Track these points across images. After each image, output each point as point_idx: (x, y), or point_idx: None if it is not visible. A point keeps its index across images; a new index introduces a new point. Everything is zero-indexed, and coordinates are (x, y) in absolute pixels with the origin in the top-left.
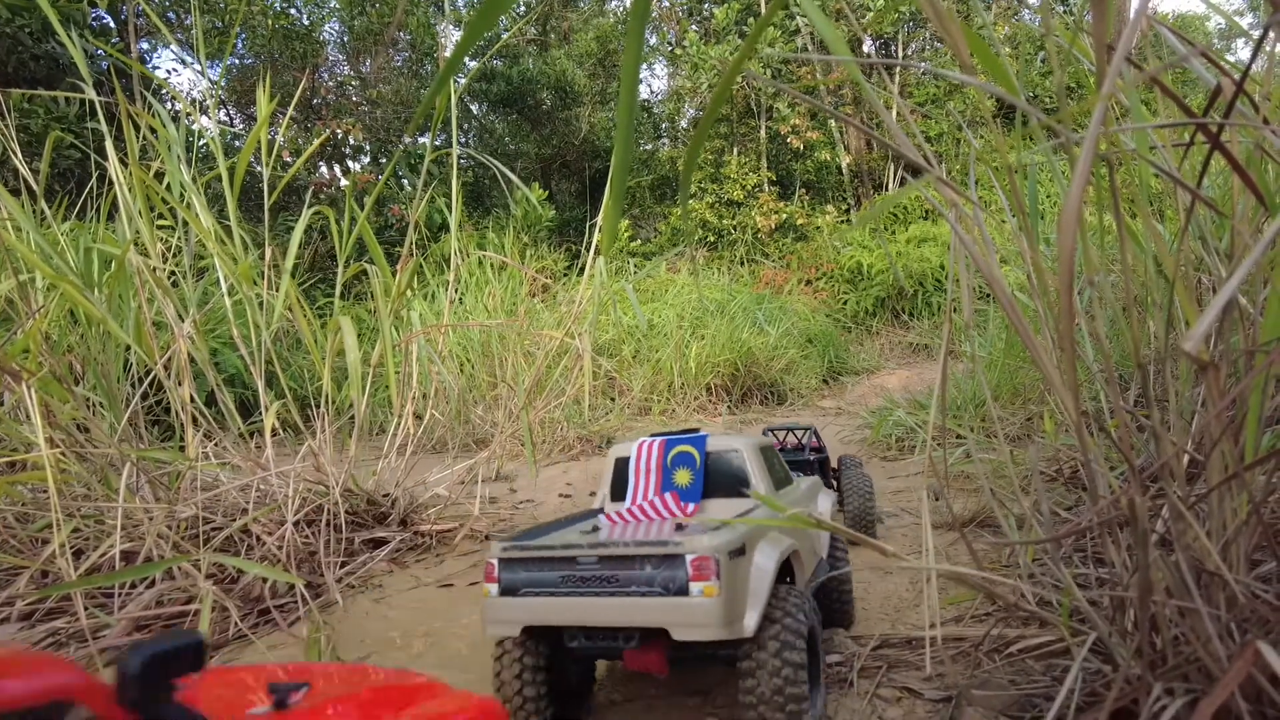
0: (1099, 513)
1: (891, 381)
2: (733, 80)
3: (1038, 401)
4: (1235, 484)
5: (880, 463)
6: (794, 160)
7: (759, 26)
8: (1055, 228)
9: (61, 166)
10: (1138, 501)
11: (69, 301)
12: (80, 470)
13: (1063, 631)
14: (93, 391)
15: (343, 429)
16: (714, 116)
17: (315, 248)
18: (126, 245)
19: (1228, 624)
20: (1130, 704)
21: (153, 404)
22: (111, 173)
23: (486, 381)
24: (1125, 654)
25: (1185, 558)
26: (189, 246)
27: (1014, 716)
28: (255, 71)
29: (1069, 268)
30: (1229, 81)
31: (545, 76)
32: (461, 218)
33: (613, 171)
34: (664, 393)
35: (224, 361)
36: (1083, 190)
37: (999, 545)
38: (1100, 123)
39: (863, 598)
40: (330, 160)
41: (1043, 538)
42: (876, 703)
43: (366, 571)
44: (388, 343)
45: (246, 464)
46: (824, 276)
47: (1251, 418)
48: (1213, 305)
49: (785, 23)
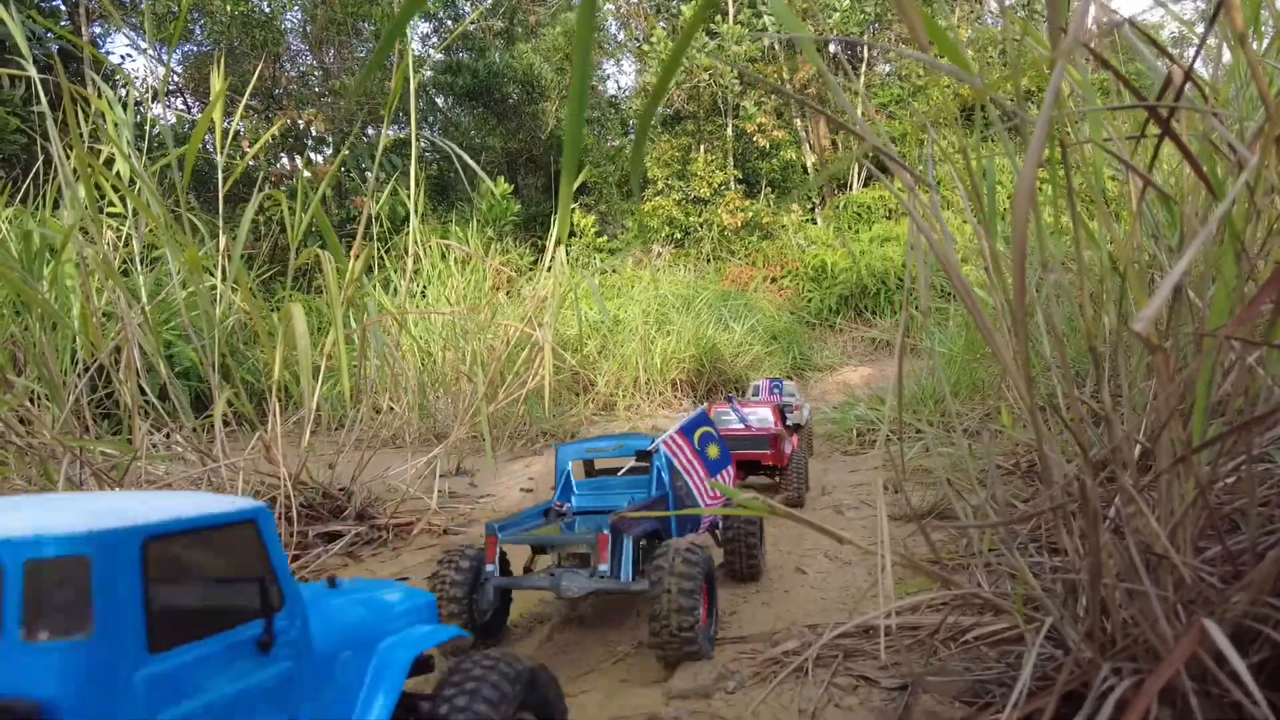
0: (1052, 498)
1: (854, 377)
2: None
3: (995, 397)
4: (1183, 469)
5: (842, 456)
6: (760, 159)
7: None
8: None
9: (5, 152)
10: (1089, 484)
11: (9, 289)
12: (20, 463)
13: (1017, 618)
14: (36, 383)
15: (299, 422)
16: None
17: (275, 240)
18: (70, 229)
19: (1175, 605)
20: (1081, 686)
21: (102, 397)
22: (55, 156)
23: (449, 375)
24: (1076, 638)
25: (1135, 542)
26: (139, 235)
27: (968, 702)
28: (214, 59)
29: (1022, 241)
30: (1179, 70)
31: (512, 70)
32: (425, 210)
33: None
34: (629, 388)
35: (178, 355)
36: (1038, 160)
37: (957, 531)
38: (1057, 87)
39: (820, 587)
40: (291, 151)
41: (997, 522)
42: (833, 691)
43: (320, 565)
44: (339, 329)
45: (197, 456)
46: (789, 274)
47: (1199, 404)
48: (1163, 286)
49: (752, 21)
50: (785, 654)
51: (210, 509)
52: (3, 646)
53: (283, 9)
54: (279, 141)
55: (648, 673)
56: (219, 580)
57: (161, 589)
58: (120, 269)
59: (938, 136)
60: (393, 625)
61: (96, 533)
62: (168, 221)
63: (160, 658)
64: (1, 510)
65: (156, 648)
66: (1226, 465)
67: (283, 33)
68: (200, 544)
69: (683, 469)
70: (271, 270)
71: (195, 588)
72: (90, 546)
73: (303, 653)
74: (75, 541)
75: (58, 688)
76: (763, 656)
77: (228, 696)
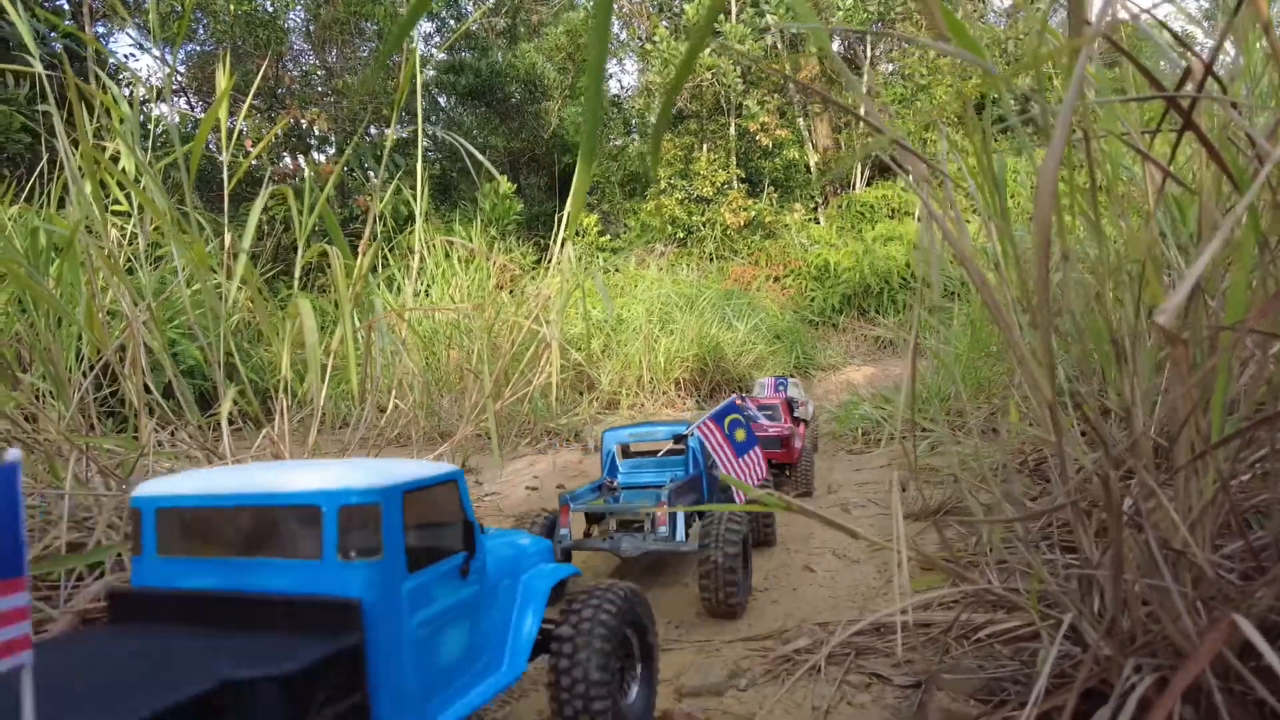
0: (1068, 493)
1: (857, 377)
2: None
3: (1001, 396)
4: (1200, 465)
5: (846, 455)
6: (762, 158)
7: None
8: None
9: (10, 151)
10: (1113, 478)
11: (16, 286)
12: (26, 460)
13: (1032, 615)
14: (41, 380)
15: (304, 421)
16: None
17: (278, 239)
18: (76, 225)
19: (1194, 602)
20: (1099, 683)
21: (107, 395)
22: (60, 152)
23: (453, 374)
24: (1095, 635)
25: (1155, 537)
26: (144, 232)
27: (983, 700)
28: (217, 58)
29: (1045, 229)
30: (1198, 63)
31: (514, 70)
32: (428, 210)
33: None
34: (632, 387)
35: (182, 353)
36: (1063, 146)
37: (973, 525)
38: (1081, 74)
39: (829, 586)
40: (294, 151)
41: (1014, 517)
42: (846, 689)
43: None
44: (347, 324)
45: (203, 454)
46: (791, 273)
47: (1217, 399)
48: (1188, 277)
49: (754, 20)
50: (796, 652)
51: (432, 471)
52: (325, 563)
53: (285, 8)
54: (282, 141)
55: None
56: (437, 524)
57: (410, 529)
58: (125, 267)
59: (943, 133)
60: (528, 562)
61: (382, 487)
62: (174, 217)
63: (413, 576)
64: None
65: (412, 569)
66: (1246, 460)
67: (286, 32)
68: (428, 497)
69: (714, 450)
70: (275, 269)
71: (427, 529)
72: (380, 496)
73: (482, 579)
74: (371, 493)
75: (362, 591)
76: (774, 654)
77: (445, 607)
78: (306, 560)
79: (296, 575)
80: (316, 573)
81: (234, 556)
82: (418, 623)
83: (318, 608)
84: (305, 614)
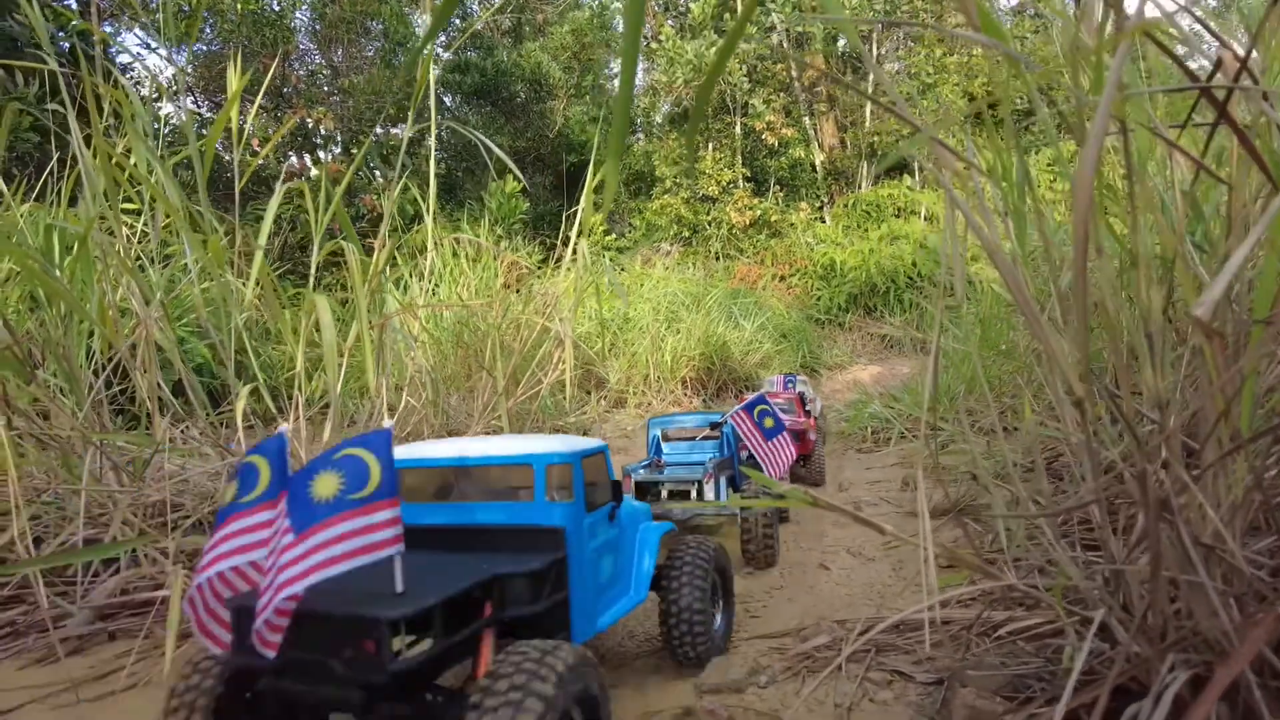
0: (1097, 488)
1: (864, 376)
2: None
3: (1012, 395)
4: (1231, 459)
5: (856, 454)
6: (768, 157)
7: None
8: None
9: (20, 150)
10: (1149, 470)
11: (30, 281)
12: (40, 456)
13: (1058, 611)
14: (54, 377)
15: (314, 419)
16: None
17: (285, 238)
18: (90, 220)
19: (1226, 598)
20: (1129, 681)
21: (117, 393)
22: (74, 146)
23: (461, 372)
24: (1126, 632)
25: (1188, 533)
26: (155, 230)
27: (1009, 697)
28: (224, 58)
29: (1085, 217)
30: (1229, 55)
31: (519, 69)
32: (435, 208)
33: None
34: (639, 385)
35: (191, 351)
36: (1103, 135)
37: (990, 523)
38: (1121, 65)
39: (845, 584)
40: (301, 150)
41: (1042, 513)
42: (867, 685)
43: None
44: (363, 318)
45: (216, 451)
46: (798, 273)
47: (1247, 393)
48: (1226, 269)
49: (760, 19)
50: (816, 649)
51: (592, 444)
52: (538, 503)
53: (292, 7)
54: (288, 140)
55: (678, 666)
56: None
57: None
58: (135, 265)
59: (954, 131)
60: (642, 518)
61: (572, 451)
62: (188, 210)
63: (588, 516)
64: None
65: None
66: (1276, 455)
67: (292, 31)
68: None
69: (745, 436)
70: (283, 269)
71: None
72: (572, 458)
73: (620, 525)
74: (567, 455)
75: (563, 521)
76: (793, 651)
77: (603, 541)
78: (523, 503)
79: (515, 512)
80: (530, 510)
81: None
82: (590, 549)
83: (536, 533)
84: (528, 537)
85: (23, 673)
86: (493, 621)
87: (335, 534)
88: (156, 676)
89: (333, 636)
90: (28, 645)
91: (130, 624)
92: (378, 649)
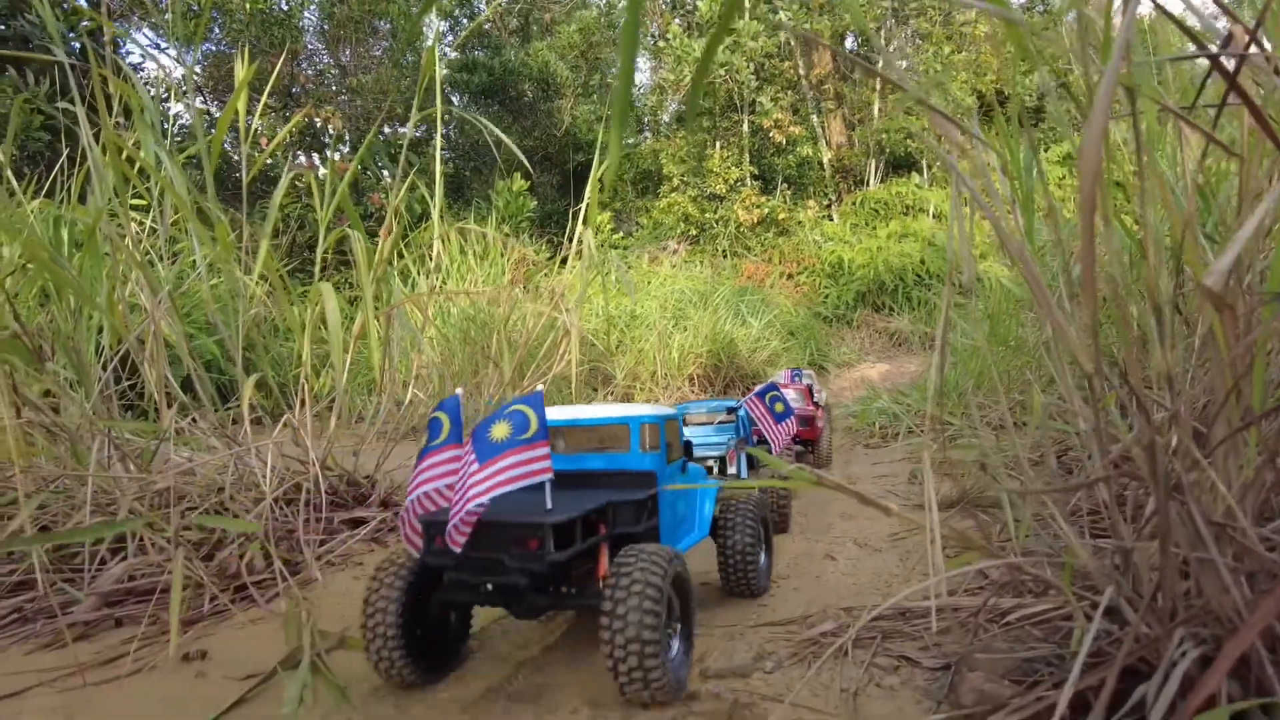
0: (1105, 465)
1: (872, 373)
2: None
3: (1020, 390)
4: (1242, 437)
5: (864, 450)
6: (776, 155)
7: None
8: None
9: (30, 149)
10: (1159, 446)
11: (41, 273)
12: (49, 446)
13: (1066, 595)
14: (63, 369)
15: (321, 414)
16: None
17: (292, 236)
18: (99, 213)
19: (1237, 575)
20: (1137, 661)
21: (125, 388)
22: (83, 140)
23: (468, 368)
24: (1135, 611)
25: (1199, 510)
26: (164, 225)
27: (1017, 680)
28: (232, 58)
29: (1092, 190)
30: (1239, 29)
31: (527, 68)
32: (443, 207)
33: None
34: (646, 381)
35: (200, 347)
36: (1109, 102)
37: (998, 515)
38: (1130, 25)
39: (852, 574)
40: (309, 149)
41: (1052, 488)
42: (874, 671)
43: (346, 550)
44: (369, 309)
45: (223, 443)
46: (805, 270)
47: (1258, 370)
48: (1237, 237)
49: (768, 17)
50: (822, 635)
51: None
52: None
53: (300, 7)
54: (296, 139)
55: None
56: (672, 441)
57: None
58: (144, 260)
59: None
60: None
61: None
62: (198, 202)
63: (669, 466)
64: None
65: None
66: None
67: (300, 31)
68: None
69: (758, 419)
70: (288, 265)
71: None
72: (659, 419)
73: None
74: (654, 418)
75: (653, 467)
76: (799, 637)
77: None
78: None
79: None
80: (627, 459)
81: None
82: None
83: (636, 475)
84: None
85: (30, 657)
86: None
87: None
88: (161, 661)
89: (507, 538)
90: (35, 630)
91: (136, 610)
92: (541, 545)
